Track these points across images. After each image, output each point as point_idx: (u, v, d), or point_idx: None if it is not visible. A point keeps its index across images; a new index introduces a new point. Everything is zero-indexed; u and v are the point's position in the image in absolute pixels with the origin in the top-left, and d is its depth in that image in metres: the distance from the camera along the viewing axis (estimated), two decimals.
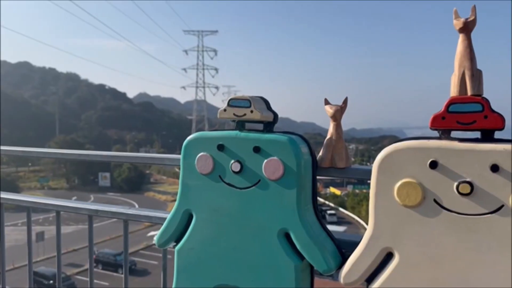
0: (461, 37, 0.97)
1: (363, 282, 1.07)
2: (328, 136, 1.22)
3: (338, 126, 1.22)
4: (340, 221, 40.33)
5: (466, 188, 0.93)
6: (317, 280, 1.20)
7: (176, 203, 1.26)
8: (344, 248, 1.16)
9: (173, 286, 1.26)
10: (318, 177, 1.22)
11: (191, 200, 1.24)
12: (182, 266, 1.25)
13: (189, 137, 1.24)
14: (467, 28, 0.96)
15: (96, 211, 1.56)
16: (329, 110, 1.21)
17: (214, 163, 1.20)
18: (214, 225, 1.21)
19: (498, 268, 0.91)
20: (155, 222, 1.42)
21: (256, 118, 1.17)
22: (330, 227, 1.23)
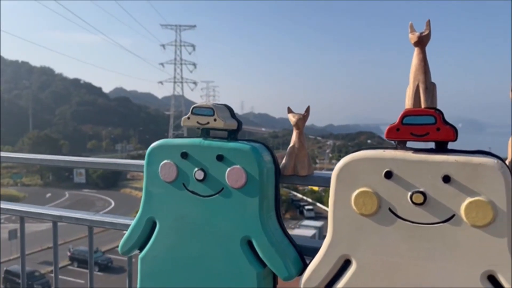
0: (416, 51, 1.00)
1: None
2: (291, 144, 1.23)
3: (300, 134, 1.23)
4: (318, 216, 40.78)
5: (419, 198, 0.96)
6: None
7: (139, 210, 1.25)
8: (306, 254, 1.18)
9: None
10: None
11: (155, 208, 1.23)
12: (146, 273, 1.25)
13: (152, 145, 1.24)
14: (421, 42, 0.99)
15: (60, 217, 1.54)
16: (292, 118, 1.23)
17: (177, 171, 1.20)
18: (178, 233, 1.21)
19: (450, 276, 0.95)
20: (120, 229, 1.41)
21: (219, 127, 1.18)
22: (308, 222, 1.24)
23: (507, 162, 0.98)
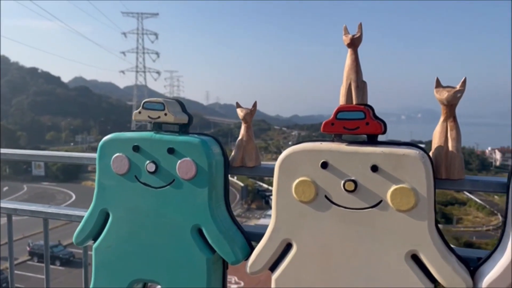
0: (349, 52, 1.09)
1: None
2: (240, 137, 1.31)
3: (249, 128, 1.31)
4: None
5: (351, 186, 1.05)
6: None
7: (92, 202, 1.30)
8: (253, 240, 1.27)
9: (92, 282, 1.31)
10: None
11: (108, 200, 1.28)
12: (100, 263, 1.30)
13: (104, 138, 1.28)
14: (354, 44, 1.08)
15: (15, 210, 1.55)
16: (240, 113, 1.30)
17: (129, 163, 1.25)
18: (130, 223, 1.26)
19: (378, 256, 1.06)
20: (75, 221, 1.44)
21: (170, 121, 1.24)
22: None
23: (430, 152, 1.09)
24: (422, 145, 1.11)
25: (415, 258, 1.04)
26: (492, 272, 0.98)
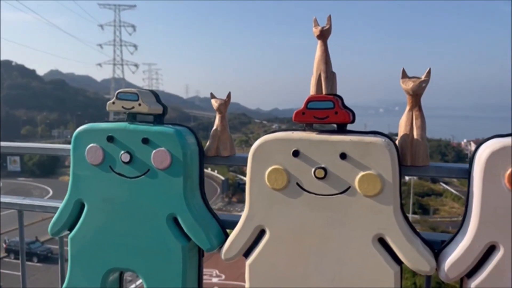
0: (319, 43, 1.13)
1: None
2: (214, 128, 1.33)
3: (223, 118, 1.33)
4: None
5: (321, 173, 1.09)
6: None
7: (67, 193, 1.30)
8: (228, 228, 1.30)
9: (68, 272, 1.32)
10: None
11: (83, 190, 1.29)
12: (76, 253, 1.31)
13: (78, 129, 1.29)
14: (323, 36, 1.12)
15: None
16: (215, 104, 1.32)
17: (104, 154, 1.26)
18: (106, 213, 1.28)
19: (347, 240, 1.10)
20: (50, 212, 1.44)
21: (144, 111, 1.25)
22: None
23: (396, 141, 1.14)
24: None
25: (382, 242, 1.09)
26: (454, 253, 1.04)
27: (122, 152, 1.25)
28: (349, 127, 1.16)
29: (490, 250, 1.01)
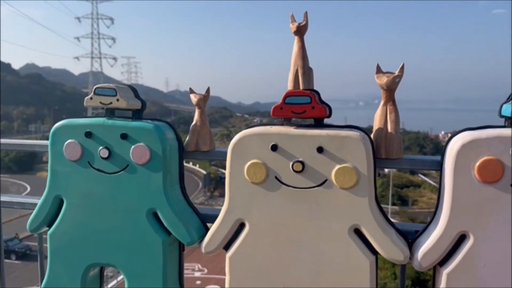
0: (295, 39, 1.14)
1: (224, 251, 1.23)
2: (194, 122, 1.34)
3: (202, 113, 1.34)
4: None
5: (298, 166, 1.11)
6: None
7: (46, 189, 1.29)
8: (208, 222, 1.31)
9: (48, 268, 1.31)
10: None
11: (61, 186, 1.28)
12: (55, 249, 1.30)
13: (56, 125, 1.28)
14: (300, 32, 1.13)
15: None
16: (194, 99, 1.33)
17: (82, 149, 1.26)
18: (85, 209, 1.27)
19: (324, 231, 1.13)
20: (29, 208, 1.43)
21: (122, 106, 1.25)
22: None
23: (371, 134, 1.17)
24: None
25: (358, 232, 1.12)
26: (427, 243, 1.08)
27: (101, 147, 1.25)
28: (330, 120, 1.19)
29: (461, 239, 1.06)
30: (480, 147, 1.01)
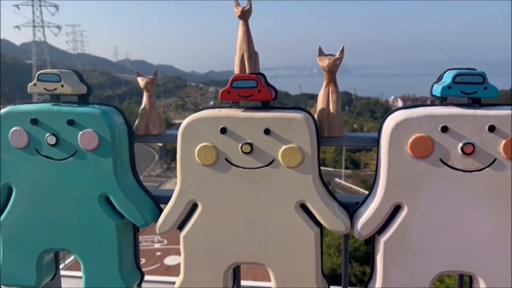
0: (240, 24, 1.17)
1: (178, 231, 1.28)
2: (142, 106, 1.35)
3: (151, 97, 1.35)
4: None
5: (247, 148, 1.16)
6: None
7: None
8: (162, 203, 1.34)
9: (1, 256, 1.31)
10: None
11: (9, 174, 1.27)
12: (7, 237, 1.29)
13: (0, 112, 1.25)
14: (244, 16, 1.16)
15: None
16: (141, 82, 1.33)
17: (29, 137, 1.24)
18: (35, 196, 1.27)
19: (273, 208, 1.19)
20: None
21: (67, 92, 1.23)
22: None
23: (315, 114, 1.23)
24: None
25: (304, 207, 1.20)
26: (365, 214, 1.17)
27: (48, 134, 1.23)
28: (285, 86, 1.22)
29: (396, 209, 1.16)
30: (412, 125, 1.10)
